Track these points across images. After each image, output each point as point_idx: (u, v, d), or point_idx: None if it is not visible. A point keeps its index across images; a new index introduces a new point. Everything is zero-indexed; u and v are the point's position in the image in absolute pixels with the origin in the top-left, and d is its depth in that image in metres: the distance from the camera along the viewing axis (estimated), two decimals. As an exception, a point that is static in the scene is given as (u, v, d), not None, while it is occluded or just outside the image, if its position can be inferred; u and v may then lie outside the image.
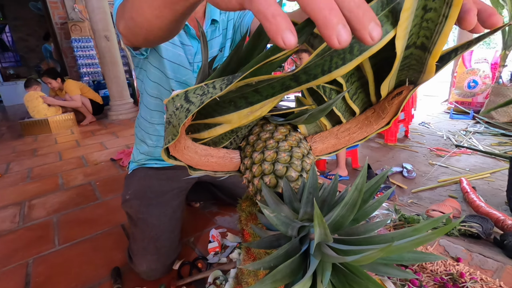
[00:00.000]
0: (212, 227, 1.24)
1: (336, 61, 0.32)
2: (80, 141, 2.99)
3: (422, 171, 1.84)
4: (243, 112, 0.38)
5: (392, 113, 0.46)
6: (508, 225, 1.08)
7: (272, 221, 0.33)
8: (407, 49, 0.35)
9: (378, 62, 0.41)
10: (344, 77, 0.43)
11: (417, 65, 0.38)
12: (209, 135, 0.44)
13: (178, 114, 0.34)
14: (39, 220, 1.43)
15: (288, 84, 0.35)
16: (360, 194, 0.29)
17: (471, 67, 3.24)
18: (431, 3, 0.30)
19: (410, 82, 0.42)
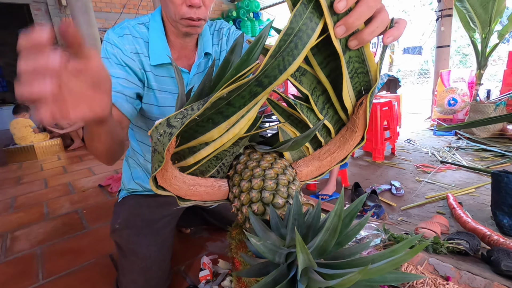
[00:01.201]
0: (203, 253, 1.22)
1: (287, 59, 0.37)
2: (67, 167, 2.93)
3: (410, 188, 1.88)
4: (222, 127, 0.41)
5: (362, 126, 0.48)
6: (495, 240, 1.10)
7: (259, 249, 0.34)
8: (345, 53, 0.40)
9: (331, 73, 0.45)
10: (309, 89, 0.47)
11: (361, 67, 0.43)
12: (194, 160, 0.45)
13: (162, 140, 0.35)
14: (22, 253, 1.37)
15: (255, 91, 0.38)
16: (339, 220, 0.30)
17: (450, 86, 3.40)
18: None
19: (366, 90, 0.46)
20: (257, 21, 7.32)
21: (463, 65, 9.56)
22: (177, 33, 0.82)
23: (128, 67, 0.79)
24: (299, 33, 0.35)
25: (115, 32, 0.78)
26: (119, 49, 0.77)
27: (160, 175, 0.42)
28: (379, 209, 1.53)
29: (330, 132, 0.52)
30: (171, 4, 0.73)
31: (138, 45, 0.80)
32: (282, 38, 0.35)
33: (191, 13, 0.73)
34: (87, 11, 3.54)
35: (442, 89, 3.45)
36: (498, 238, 1.10)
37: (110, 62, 0.77)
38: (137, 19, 0.84)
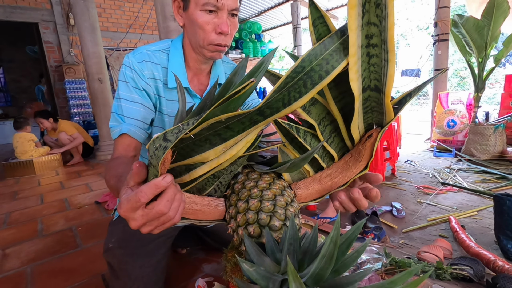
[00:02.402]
0: (198, 275, 1.17)
1: (293, 94, 0.36)
2: (64, 182, 2.90)
3: (411, 209, 1.84)
4: (218, 149, 0.40)
5: (367, 156, 0.48)
6: (499, 266, 1.07)
7: (251, 276, 0.32)
8: (364, 91, 0.40)
9: (344, 107, 0.44)
10: (317, 120, 0.47)
11: (378, 107, 0.42)
12: (190, 178, 0.44)
13: (157, 153, 0.35)
14: (12, 272, 1.32)
15: (255, 119, 0.38)
16: (335, 247, 0.29)
17: (448, 108, 3.43)
18: (372, 51, 0.36)
19: (378, 124, 0.46)
20: (259, 42, 7.52)
21: (460, 87, 9.71)
22: (196, 58, 0.87)
23: (145, 92, 0.83)
24: (310, 73, 0.36)
25: (135, 57, 0.83)
26: (137, 74, 0.82)
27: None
28: (380, 231, 1.50)
29: (333, 158, 0.52)
30: (201, 31, 0.78)
31: (156, 71, 0.85)
32: (290, 75, 0.35)
33: (220, 40, 0.78)
34: (93, 30, 3.65)
35: (441, 110, 3.48)
36: (503, 264, 1.06)
37: (128, 86, 0.81)
38: (157, 45, 0.89)
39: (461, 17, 3.02)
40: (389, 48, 0.34)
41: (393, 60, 0.35)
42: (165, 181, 0.35)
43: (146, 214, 0.36)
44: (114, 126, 0.80)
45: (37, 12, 4.96)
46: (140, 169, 0.37)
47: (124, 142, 0.78)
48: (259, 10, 6.96)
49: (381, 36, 0.34)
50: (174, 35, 2.35)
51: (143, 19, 5.81)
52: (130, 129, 0.78)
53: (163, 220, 0.38)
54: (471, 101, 3.31)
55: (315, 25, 0.38)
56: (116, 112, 0.81)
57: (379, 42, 0.35)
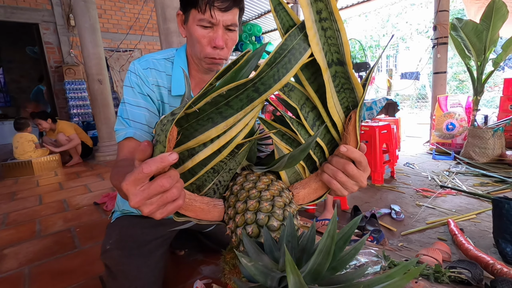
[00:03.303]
0: (196, 277, 1.17)
1: (282, 70, 0.42)
2: (63, 183, 2.90)
3: (410, 212, 1.85)
4: (220, 127, 0.43)
5: (353, 142, 0.48)
6: (498, 269, 1.07)
7: (250, 271, 0.32)
8: (330, 66, 0.44)
9: (319, 89, 0.47)
10: (298, 104, 0.48)
11: (347, 83, 0.45)
12: (192, 163, 0.45)
13: (164, 128, 0.37)
14: (9, 273, 1.32)
15: (252, 96, 0.42)
16: (333, 241, 0.29)
17: (447, 111, 3.45)
18: (325, 24, 0.41)
19: (354, 106, 0.48)
20: (259, 44, 7.55)
21: (459, 91, 9.75)
22: (198, 68, 0.90)
23: (149, 97, 0.85)
24: (292, 50, 0.42)
25: (141, 64, 0.85)
26: (142, 80, 0.84)
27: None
28: (379, 233, 1.50)
29: (324, 152, 0.52)
30: (198, 44, 0.80)
31: (160, 79, 0.87)
32: (277, 51, 0.41)
33: (215, 54, 0.81)
34: (94, 31, 3.66)
35: (440, 113, 3.49)
36: (501, 268, 1.06)
37: (133, 91, 0.83)
38: (162, 53, 0.91)
39: (460, 21, 3.04)
40: (336, 18, 0.40)
41: (343, 29, 0.40)
42: (171, 157, 0.35)
43: (147, 188, 0.36)
44: (119, 129, 0.81)
45: (38, 12, 4.97)
46: (147, 147, 0.37)
47: (129, 145, 0.79)
48: (259, 13, 6.99)
49: (328, 9, 0.39)
50: (175, 37, 2.35)
51: (143, 20, 5.83)
52: (135, 132, 0.79)
53: (165, 197, 0.37)
54: (470, 104, 3.32)
55: (277, 11, 0.43)
56: (122, 115, 0.82)
57: (328, 15, 0.40)
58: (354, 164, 0.48)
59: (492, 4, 2.82)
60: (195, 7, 0.76)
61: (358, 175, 0.48)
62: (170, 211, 0.39)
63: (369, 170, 0.50)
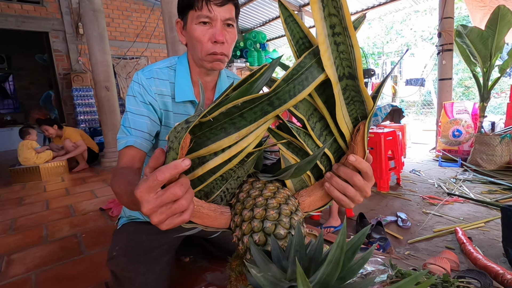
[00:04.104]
0: (201, 284, 1.17)
1: (298, 87, 0.42)
2: (70, 189, 2.93)
3: (416, 220, 1.82)
4: (232, 137, 0.43)
5: (361, 152, 0.48)
6: (508, 279, 1.05)
7: (259, 281, 0.32)
8: (341, 80, 0.43)
9: (328, 100, 0.47)
10: (305, 115, 0.48)
11: (357, 96, 0.45)
12: (203, 171, 0.46)
13: (179, 135, 0.38)
14: (16, 278, 1.33)
15: (266, 109, 0.42)
16: (342, 252, 0.30)
17: (453, 117, 3.42)
18: (338, 38, 0.40)
19: (362, 117, 0.47)
20: (264, 51, 7.61)
21: (465, 97, 9.67)
22: (200, 72, 0.91)
23: (151, 106, 0.87)
24: (310, 68, 0.42)
25: (144, 74, 0.87)
26: (145, 89, 0.86)
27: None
28: (385, 242, 1.48)
29: (330, 161, 0.52)
30: (198, 43, 0.82)
31: (164, 87, 0.89)
32: (295, 68, 0.41)
33: (216, 49, 0.82)
34: (102, 39, 3.73)
35: (446, 120, 3.47)
36: (511, 278, 1.04)
37: (136, 100, 0.85)
38: (165, 62, 0.94)
39: (465, 28, 3.03)
40: (350, 33, 0.39)
41: (357, 45, 0.40)
42: (184, 163, 0.36)
43: (160, 196, 0.37)
44: (120, 137, 0.82)
45: (48, 21, 5.09)
46: (161, 154, 0.39)
47: (129, 153, 0.80)
48: (264, 20, 7.07)
49: (342, 24, 0.39)
50: (181, 45, 2.39)
51: (150, 28, 5.93)
52: (136, 141, 0.80)
53: (175, 208, 0.38)
54: (477, 111, 3.29)
55: (287, 22, 0.43)
56: (124, 124, 0.84)
57: (341, 30, 0.39)
58: (360, 175, 0.48)
59: (497, 11, 2.82)
60: (192, 7, 0.79)
61: (364, 186, 0.49)
62: (176, 224, 0.40)
63: (373, 180, 0.50)
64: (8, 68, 7.41)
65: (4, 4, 4.68)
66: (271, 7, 6.29)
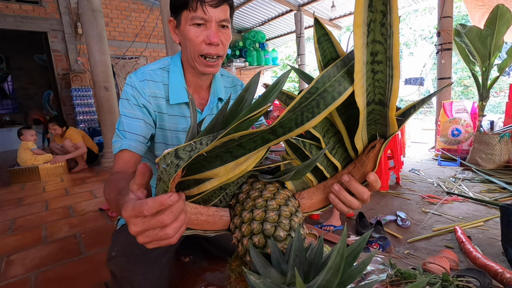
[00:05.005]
0: (201, 284, 1.17)
1: (306, 115, 0.37)
2: (69, 189, 2.92)
3: (416, 219, 1.83)
4: (229, 166, 0.40)
5: (370, 167, 0.48)
6: (507, 278, 1.05)
7: (258, 287, 0.32)
8: (369, 105, 0.41)
9: (348, 119, 0.45)
10: (321, 132, 0.47)
11: (382, 119, 0.43)
12: (198, 191, 0.45)
13: (169, 170, 0.35)
14: (16, 279, 1.33)
15: (267, 138, 0.38)
16: (342, 259, 0.30)
17: (452, 117, 3.42)
18: (377, 67, 0.37)
19: (381, 136, 0.46)
20: (263, 51, 7.60)
21: (465, 96, 9.68)
22: (193, 72, 0.90)
23: (145, 108, 0.86)
24: (323, 94, 0.37)
25: (137, 76, 0.86)
26: (139, 92, 0.85)
27: None
28: (385, 241, 1.48)
29: (337, 169, 0.52)
30: (191, 44, 0.80)
31: (157, 90, 0.88)
32: (304, 95, 0.37)
33: (210, 50, 0.80)
34: (101, 39, 3.73)
35: (445, 119, 3.47)
36: (511, 277, 1.04)
37: (129, 103, 0.84)
38: (158, 63, 0.92)
39: (464, 27, 3.04)
40: (394, 64, 0.35)
41: (398, 76, 0.36)
42: (170, 200, 0.35)
43: (148, 221, 0.36)
44: (115, 141, 0.82)
45: (46, 21, 5.08)
46: (146, 170, 0.38)
47: (124, 157, 0.80)
48: (263, 20, 7.06)
49: (386, 54, 0.35)
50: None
51: (149, 28, 5.92)
52: (130, 144, 0.80)
53: (160, 235, 0.37)
54: (476, 110, 3.30)
55: (320, 42, 0.39)
56: (118, 128, 0.83)
57: (384, 59, 0.36)
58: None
59: (496, 10, 2.82)
60: (186, 7, 0.78)
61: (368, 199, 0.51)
62: (163, 245, 0.39)
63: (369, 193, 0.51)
64: (6, 68, 7.38)
65: (2, 4, 4.66)
66: (270, 7, 6.29)
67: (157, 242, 0.38)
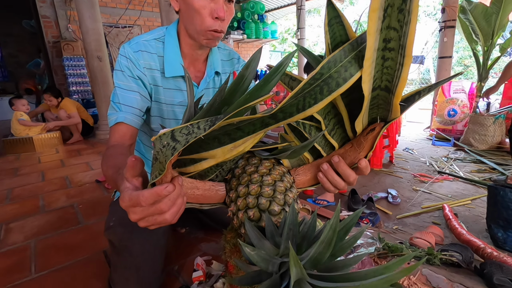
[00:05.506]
0: (197, 254, 1.22)
1: (308, 100, 0.36)
2: (65, 160, 2.93)
3: (406, 196, 1.88)
4: (227, 148, 0.40)
5: (367, 148, 0.49)
6: (488, 253, 1.11)
7: (253, 258, 0.34)
8: (374, 90, 0.40)
9: (350, 102, 0.45)
10: (322, 114, 0.47)
11: (385, 105, 0.42)
12: (195, 169, 0.45)
13: (165, 152, 0.35)
14: (16, 246, 1.36)
15: (267, 122, 0.38)
16: (334, 234, 0.31)
17: (450, 97, 3.42)
18: (388, 54, 0.36)
19: (381, 119, 0.46)
20: (262, 23, 7.33)
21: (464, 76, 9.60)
22: (191, 44, 0.87)
23: (140, 81, 0.83)
24: (328, 79, 0.36)
25: (131, 46, 0.83)
26: (133, 64, 0.82)
27: (159, 180, 0.42)
28: (375, 216, 1.53)
29: (334, 148, 0.53)
30: (198, 16, 0.77)
31: (152, 61, 0.85)
32: (308, 81, 0.35)
33: (216, 26, 0.78)
34: (93, 6, 3.55)
35: (442, 99, 3.47)
36: (491, 251, 1.10)
37: (124, 75, 0.82)
38: (152, 33, 0.88)
39: (470, 3, 2.94)
40: (406, 53, 0.34)
41: (409, 64, 0.34)
42: (166, 191, 0.36)
43: (146, 209, 0.37)
44: (111, 114, 0.81)
45: (33, -16, 4.79)
46: (136, 163, 0.38)
47: (120, 130, 0.79)
48: (263, -11, 6.75)
49: (400, 41, 0.34)
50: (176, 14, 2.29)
51: (143, -5, 5.63)
52: (126, 117, 0.79)
53: (159, 221, 0.39)
54: (474, 91, 3.29)
55: (331, 24, 0.38)
56: (113, 100, 0.81)
57: (396, 46, 0.34)
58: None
59: (504, -14, 2.72)
60: None
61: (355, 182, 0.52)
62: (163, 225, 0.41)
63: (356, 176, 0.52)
64: (-6, 34, 7.06)
65: (-16, -37, 4.36)
66: (271, -25, 5.98)
67: (157, 225, 0.40)
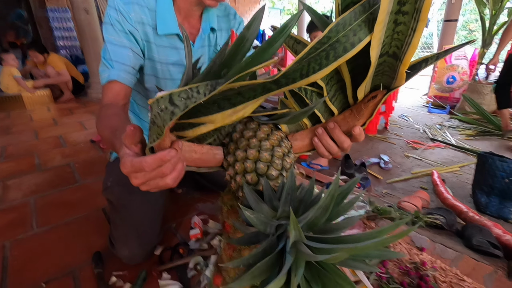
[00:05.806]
0: (194, 213, 1.26)
1: (313, 66, 0.35)
2: (57, 119, 2.88)
3: (398, 162, 1.93)
4: (227, 113, 0.39)
5: (367, 115, 0.48)
6: (470, 217, 1.17)
7: (252, 221, 0.35)
8: (381, 57, 0.38)
9: (354, 68, 0.43)
10: (324, 80, 0.46)
11: (390, 72, 0.41)
12: (193, 134, 0.44)
13: (163, 116, 0.34)
14: (16, 202, 1.39)
15: (269, 87, 0.37)
16: (332, 200, 0.32)
17: (451, 63, 3.35)
18: (401, 18, 0.34)
19: (384, 87, 0.45)
20: (261, -25, 6.80)
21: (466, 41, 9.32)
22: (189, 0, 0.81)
23: (132, 36, 0.78)
24: (335, 44, 0.34)
25: None
26: (124, 17, 0.76)
27: (157, 144, 0.41)
28: (366, 181, 1.59)
29: (333, 114, 0.52)
30: None
31: (144, 15, 0.79)
32: (314, 45, 0.34)
33: None
34: (74, -52, 3.22)
35: (443, 65, 3.40)
36: (473, 215, 1.17)
37: (114, 29, 0.76)
38: None
39: (484, -39, 2.75)
40: (420, 17, 0.32)
41: (421, 30, 0.33)
42: (169, 155, 0.36)
43: (148, 174, 0.38)
44: (102, 71, 0.77)
45: None
46: (135, 132, 0.38)
47: (113, 88, 0.76)
48: None
49: (416, 4, 0.32)
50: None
51: None
52: (119, 74, 0.75)
53: (160, 185, 0.39)
54: (476, 57, 3.22)
55: None
56: (104, 56, 0.77)
57: (411, 10, 0.32)
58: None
59: None
60: None
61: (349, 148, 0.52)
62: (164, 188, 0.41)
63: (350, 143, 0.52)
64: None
65: None
66: None
67: (158, 188, 0.41)
